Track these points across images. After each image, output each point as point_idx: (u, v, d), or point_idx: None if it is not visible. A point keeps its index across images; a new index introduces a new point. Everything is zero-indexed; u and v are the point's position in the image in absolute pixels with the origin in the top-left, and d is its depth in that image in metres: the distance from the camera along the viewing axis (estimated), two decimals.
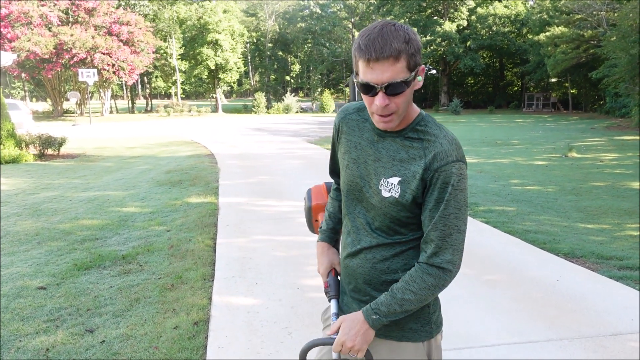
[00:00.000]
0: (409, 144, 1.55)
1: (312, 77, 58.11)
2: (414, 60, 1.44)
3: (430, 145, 1.52)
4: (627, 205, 7.85)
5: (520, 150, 15.94)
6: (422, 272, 1.54)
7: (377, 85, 1.43)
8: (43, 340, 3.59)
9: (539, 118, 34.06)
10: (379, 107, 1.46)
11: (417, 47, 1.44)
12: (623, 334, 3.57)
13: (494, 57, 50.40)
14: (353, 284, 1.72)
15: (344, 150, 1.71)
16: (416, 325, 1.67)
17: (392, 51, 1.39)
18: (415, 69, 1.45)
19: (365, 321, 1.57)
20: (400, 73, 1.42)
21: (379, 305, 1.57)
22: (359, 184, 1.64)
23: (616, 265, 5.06)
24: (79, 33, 34.36)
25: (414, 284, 1.54)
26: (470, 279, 4.71)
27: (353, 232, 1.69)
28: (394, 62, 1.40)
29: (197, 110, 44.93)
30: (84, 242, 6.01)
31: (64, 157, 15.07)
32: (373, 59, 1.40)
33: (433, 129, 1.55)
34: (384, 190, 1.56)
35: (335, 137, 1.79)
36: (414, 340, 1.67)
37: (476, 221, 6.86)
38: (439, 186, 1.49)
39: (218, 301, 4.24)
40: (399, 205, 1.55)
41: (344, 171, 1.71)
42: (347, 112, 1.74)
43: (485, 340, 3.51)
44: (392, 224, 1.59)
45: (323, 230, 1.91)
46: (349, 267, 1.72)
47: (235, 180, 10.33)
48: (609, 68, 24.57)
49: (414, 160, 1.53)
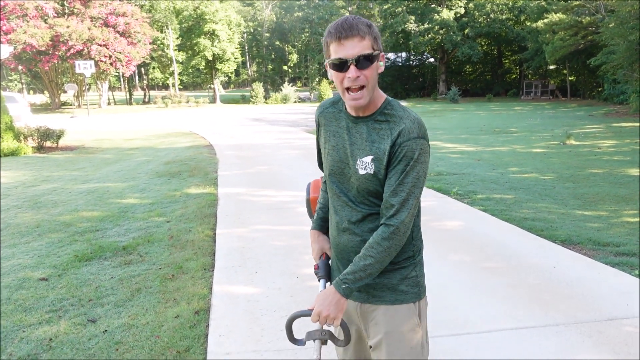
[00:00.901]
0: (378, 126, 1.76)
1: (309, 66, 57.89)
2: (377, 43, 1.69)
3: (395, 125, 1.73)
4: (624, 192, 7.89)
5: (519, 138, 15.95)
6: (379, 237, 1.73)
7: (349, 59, 1.65)
8: (46, 330, 3.64)
9: (537, 105, 34.02)
10: (351, 79, 1.67)
11: (377, 35, 1.70)
12: (618, 318, 3.61)
13: (492, 44, 50.14)
14: (345, 260, 1.87)
15: (324, 139, 1.91)
16: (407, 288, 1.85)
17: (359, 31, 1.65)
18: (377, 50, 1.69)
19: (337, 291, 1.74)
20: (367, 49, 1.66)
21: (347, 275, 1.74)
22: (340, 167, 1.84)
23: (613, 251, 5.11)
24: (75, 25, 34.18)
25: (372, 249, 1.73)
26: (468, 266, 4.76)
27: (340, 210, 1.88)
28: (361, 39, 1.65)
29: (195, 101, 44.81)
30: (84, 234, 6.05)
31: (63, 149, 15.07)
32: (343, 37, 1.64)
33: (398, 112, 1.76)
34: (360, 168, 1.77)
35: (316, 130, 1.99)
36: (406, 302, 1.85)
37: (474, 209, 6.90)
38: (400, 158, 1.70)
39: (218, 290, 4.28)
40: (374, 180, 1.75)
41: (325, 159, 1.91)
42: (324, 106, 1.95)
43: (483, 326, 3.55)
44: (370, 197, 1.79)
45: (315, 220, 2.11)
46: (340, 244, 1.89)
47: (234, 170, 10.36)
48: (607, 55, 24.46)
49: (383, 140, 1.74)
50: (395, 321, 1.83)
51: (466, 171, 9.97)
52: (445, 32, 42.98)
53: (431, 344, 1.99)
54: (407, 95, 48.76)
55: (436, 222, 6.16)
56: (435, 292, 4.07)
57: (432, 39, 43.95)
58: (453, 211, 6.85)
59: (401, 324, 1.83)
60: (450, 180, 9.01)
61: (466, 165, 10.76)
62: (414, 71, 52.14)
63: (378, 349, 1.84)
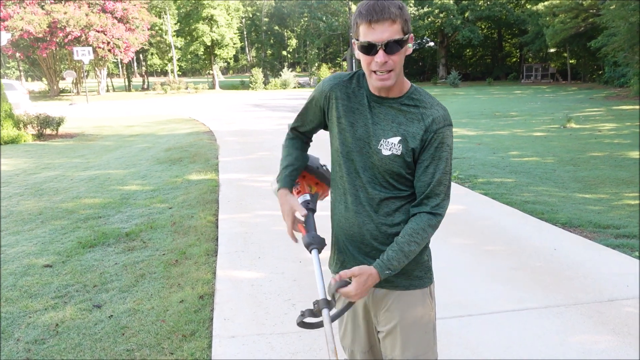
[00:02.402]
0: (406, 109, 1.75)
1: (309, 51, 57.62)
2: (407, 26, 1.65)
3: (427, 111, 1.73)
4: (624, 174, 7.90)
5: (519, 122, 15.93)
6: (425, 224, 1.73)
7: (378, 44, 1.61)
8: (52, 316, 3.68)
9: (537, 89, 33.90)
10: (379, 64, 1.64)
11: (408, 17, 1.66)
12: (618, 299, 3.65)
13: (492, 28, 49.86)
14: (358, 242, 1.83)
15: (338, 114, 1.82)
16: (421, 273, 1.86)
17: (391, 14, 1.60)
18: (407, 34, 1.66)
19: (379, 276, 1.71)
20: (397, 33, 1.62)
21: (391, 261, 1.71)
22: (359, 145, 1.78)
23: (613, 233, 5.14)
24: (72, 11, 33.94)
25: (417, 235, 1.71)
26: (470, 249, 4.79)
27: (354, 192, 1.81)
28: (392, 23, 1.61)
29: (194, 87, 44.64)
30: (87, 221, 6.07)
31: (63, 136, 15.06)
32: (374, 20, 1.60)
33: (427, 98, 1.77)
34: (384, 149, 1.74)
35: (321, 100, 1.87)
36: (421, 287, 1.86)
37: (475, 193, 6.92)
38: (436, 145, 1.72)
39: (222, 275, 4.31)
40: (399, 161, 1.73)
41: (339, 134, 1.82)
42: (341, 79, 1.85)
43: (485, 308, 3.59)
44: (391, 179, 1.76)
45: (281, 178, 1.95)
46: (354, 225, 1.82)
47: (235, 156, 10.37)
48: (607, 37, 24.31)
49: (412, 123, 1.73)
50: (410, 307, 1.83)
51: (467, 155, 9.98)
52: (445, 15, 42.69)
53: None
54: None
55: None
56: (438, 275, 4.09)
57: (432, 23, 43.69)
58: (454, 195, 6.82)
59: (415, 310, 1.83)
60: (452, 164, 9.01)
61: (467, 149, 10.77)
62: (414, 55, 51.83)
63: (392, 335, 1.84)
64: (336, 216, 1.91)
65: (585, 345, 3.08)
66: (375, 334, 1.94)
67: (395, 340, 1.84)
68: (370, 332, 1.95)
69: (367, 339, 1.97)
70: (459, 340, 3.19)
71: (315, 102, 1.90)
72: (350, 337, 1.99)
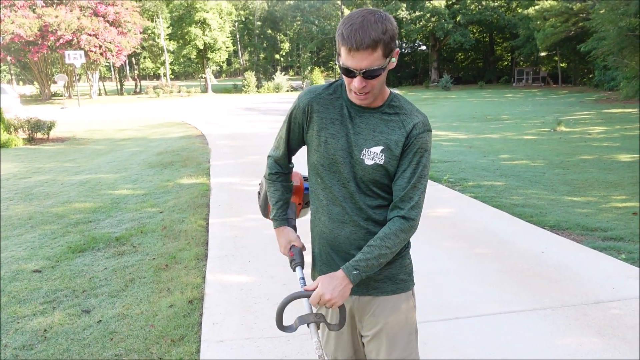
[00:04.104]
0: (387, 117, 1.76)
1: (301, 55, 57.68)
2: (389, 47, 1.61)
3: (407, 118, 1.75)
4: (613, 177, 7.97)
5: (510, 125, 16.02)
6: (398, 229, 1.73)
7: (356, 71, 1.61)
8: (41, 321, 3.67)
9: (528, 92, 34.11)
10: (357, 88, 1.65)
11: (393, 35, 1.61)
12: (604, 302, 3.69)
13: (483, 32, 50.13)
14: (344, 253, 1.82)
15: (319, 127, 1.80)
16: (405, 276, 1.89)
17: (370, 43, 1.56)
18: (389, 55, 1.63)
19: (346, 276, 1.70)
20: (377, 61, 1.59)
21: (359, 262, 1.71)
22: (341, 156, 1.77)
23: (600, 236, 5.19)
24: (63, 14, 33.80)
25: (389, 240, 1.72)
26: (459, 252, 4.82)
27: (339, 203, 1.80)
28: (372, 52, 1.58)
29: (186, 91, 44.56)
30: (77, 225, 6.06)
31: (54, 140, 14.99)
32: (354, 49, 1.57)
33: (406, 105, 1.78)
34: (367, 159, 1.74)
35: (300, 117, 1.85)
36: (405, 290, 1.88)
37: (465, 196, 6.96)
38: (415, 150, 1.73)
39: (212, 279, 4.32)
40: (382, 170, 1.74)
41: (321, 147, 1.80)
42: (316, 91, 1.83)
43: (474, 311, 3.62)
44: (375, 187, 1.77)
45: (278, 216, 2.00)
46: (339, 237, 1.82)
47: (227, 160, 10.36)
48: (597, 41, 24.51)
49: (393, 131, 1.74)
50: (395, 310, 1.84)
51: (458, 159, 10.03)
52: (437, 19, 42.89)
53: (423, 328, 2.03)
54: (399, 83, 48.72)
55: (428, 210, 6.19)
56: (427, 278, 4.14)
57: (424, 27, 43.84)
58: (444, 198, 6.90)
59: (400, 313, 1.85)
60: (442, 167, 9.06)
61: (458, 152, 10.82)
62: (406, 59, 52.06)
63: (377, 339, 1.85)
64: (318, 228, 1.89)
65: (571, 347, 3.11)
66: (359, 339, 1.94)
67: (380, 344, 1.84)
68: (354, 338, 1.95)
69: (351, 344, 1.96)
70: (448, 343, 3.21)
71: (294, 119, 1.87)
72: (334, 343, 1.98)
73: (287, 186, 2.02)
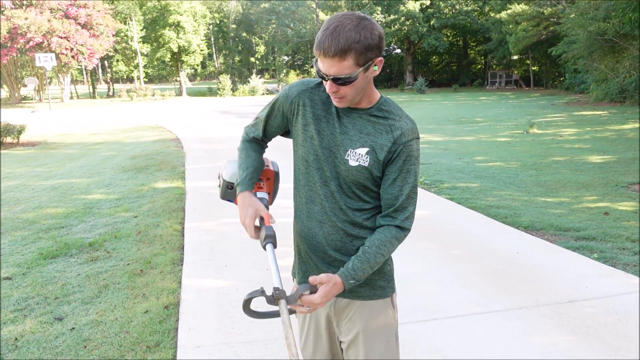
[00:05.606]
0: (375, 120, 1.73)
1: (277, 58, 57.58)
2: (365, 56, 1.56)
3: (395, 123, 1.72)
4: (584, 178, 8.13)
5: (484, 128, 16.24)
6: (393, 237, 1.72)
7: (326, 76, 1.60)
8: (11, 330, 3.57)
9: (502, 95, 34.63)
10: (329, 91, 1.65)
11: (369, 45, 1.56)
12: (578, 300, 3.75)
13: (457, 35, 50.77)
14: (322, 253, 1.80)
15: (305, 122, 1.78)
16: (384, 283, 1.85)
17: (338, 51, 1.53)
18: (365, 64, 1.58)
19: (344, 285, 1.68)
20: (346, 69, 1.56)
21: (356, 271, 1.68)
22: (325, 154, 1.75)
23: (573, 236, 5.28)
24: (33, 16, 33.20)
25: (384, 248, 1.71)
26: (435, 253, 4.85)
27: (318, 201, 1.78)
28: (340, 60, 1.54)
29: (160, 94, 44.11)
30: (48, 231, 5.93)
31: (24, 145, 14.68)
32: (322, 55, 1.57)
33: (396, 110, 1.75)
34: (351, 160, 1.71)
35: (286, 105, 1.82)
36: (383, 297, 1.85)
37: (441, 198, 7.01)
38: (404, 158, 1.70)
39: (188, 284, 4.26)
40: (366, 173, 1.71)
41: (307, 142, 1.78)
42: (309, 85, 1.81)
43: (450, 312, 3.64)
44: (357, 190, 1.75)
45: (247, 179, 1.86)
46: (317, 235, 1.79)
47: (202, 164, 10.27)
48: (568, 44, 25.02)
49: (380, 134, 1.71)
50: (372, 317, 1.82)
51: (433, 161, 10.11)
52: (411, 23, 43.29)
53: (400, 330, 2.02)
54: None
55: None
56: (403, 280, 4.14)
57: (399, 30, 44.21)
58: (420, 200, 6.93)
59: (378, 319, 1.82)
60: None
61: (433, 155, 10.91)
62: None
63: (354, 345, 1.83)
64: (298, 225, 1.86)
65: (546, 346, 3.16)
66: (337, 345, 1.92)
67: (357, 350, 1.82)
68: (333, 343, 1.93)
69: (329, 349, 1.94)
70: (425, 344, 3.22)
71: (279, 107, 1.84)
72: (312, 348, 1.96)
73: (258, 155, 1.92)
